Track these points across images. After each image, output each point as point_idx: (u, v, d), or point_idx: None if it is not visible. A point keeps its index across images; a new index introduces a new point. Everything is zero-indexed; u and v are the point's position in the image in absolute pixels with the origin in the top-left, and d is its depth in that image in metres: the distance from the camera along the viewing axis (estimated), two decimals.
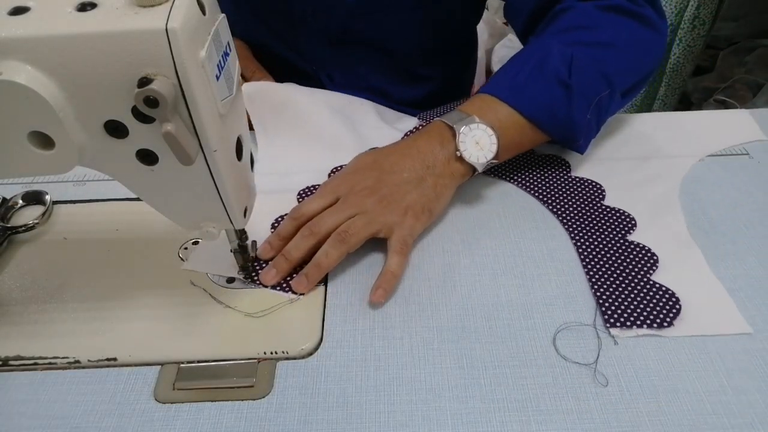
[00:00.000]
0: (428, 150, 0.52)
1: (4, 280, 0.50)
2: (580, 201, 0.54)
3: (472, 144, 0.51)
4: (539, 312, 0.45)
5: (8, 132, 0.34)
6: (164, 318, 0.46)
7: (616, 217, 0.52)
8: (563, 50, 0.53)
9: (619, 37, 0.56)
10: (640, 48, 0.57)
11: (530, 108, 0.53)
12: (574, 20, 0.56)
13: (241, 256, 0.47)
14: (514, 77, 0.54)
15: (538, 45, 0.56)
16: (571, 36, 0.55)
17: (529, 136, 0.54)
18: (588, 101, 0.53)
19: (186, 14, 0.31)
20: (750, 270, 0.48)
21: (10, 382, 0.42)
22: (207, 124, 0.34)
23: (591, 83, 0.53)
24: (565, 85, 0.52)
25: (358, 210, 0.48)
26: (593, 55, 0.54)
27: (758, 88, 1.43)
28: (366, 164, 0.52)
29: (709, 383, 0.40)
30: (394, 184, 0.50)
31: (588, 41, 0.55)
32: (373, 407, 0.40)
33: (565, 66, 0.53)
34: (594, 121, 0.55)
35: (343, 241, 0.47)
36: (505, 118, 0.52)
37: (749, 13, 1.59)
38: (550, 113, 0.53)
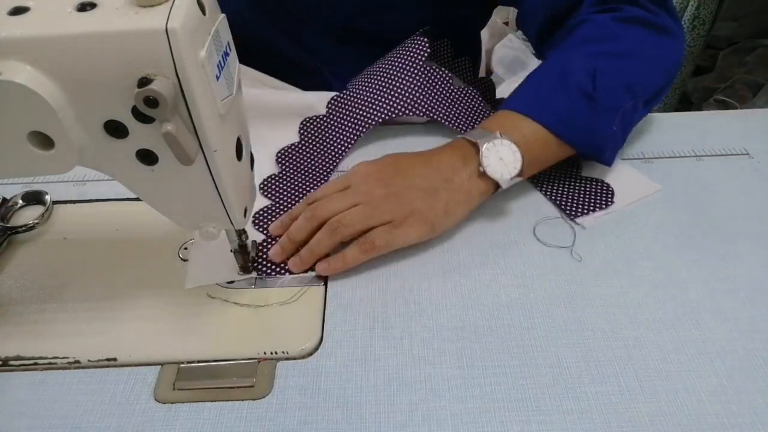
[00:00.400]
0: (449, 164, 0.51)
1: (4, 280, 0.50)
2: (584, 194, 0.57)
3: (496, 160, 0.50)
4: (539, 312, 0.45)
5: (8, 132, 0.34)
6: (164, 318, 0.46)
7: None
8: (585, 62, 0.53)
9: (638, 46, 0.56)
10: (660, 56, 0.57)
11: (555, 121, 0.52)
12: (593, 32, 0.56)
13: (241, 256, 0.47)
14: (537, 91, 0.54)
15: (558, 57, 0.55)
16: (591, 48, 0.55)
17: (553, 150, 0.53)
18: (613, 113, 0.53)
19: (186, 14, 0.31)
20: (750, 270, 0.48)
21: (10, 382, 0.42)
22: (207, 124, 0.34)
23: (615, 95, 0.53)
24: (589, 97, 0.52)
25: (362, 200, 0.49)
26: (616, 67, 0.53)
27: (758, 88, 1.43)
28: (386, 162, 0.52)
29: (709, 383, 0.40)
30: (405, 186, 0.49)
31: (609, 52, 0.54)
32: (373, 407, 0.40)
33: (589, 78, 0.52)
34: (620, 133, 0.55)
35: (335, 231, 0.48)
36: (529, 134, 0.51)
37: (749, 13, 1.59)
38: (575, 126, 0.52)
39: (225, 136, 0.37)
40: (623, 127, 0.55)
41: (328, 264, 0.48)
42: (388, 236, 0.48)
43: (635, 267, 0.49)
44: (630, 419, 0.39)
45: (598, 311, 0.45)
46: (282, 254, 0.49)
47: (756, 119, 0.65)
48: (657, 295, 0.46)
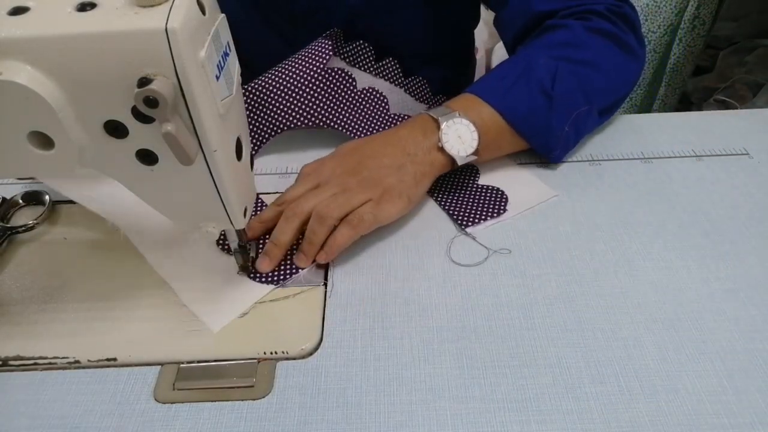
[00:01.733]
0: (410, 139, 0.53)
1: (4, 280, 0.50)
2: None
3: (455, 137, 0.53)
4: (539, 312, 0.45)
5: (8, 132, 0.34)
6: (164, 318, 0.46)
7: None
8: (549, 63, 0.56)
9: (602, 58, 0.59)
10: (620, 71, 0.61)
11: (511, 112, 0.55)
12: (563, 37, 0.59)
13: (241, 256, 0.47)
14: (500, 81, 0.57)
15: (526, 54, 0.58)
16: (558, 51, 0.57)
17: (507, 140, 0.57)
18: (567, 113, 0.55)
19: (186, 14, 0.31)
20: (750, 270, 0.48)
21: (10, 382, 0.42)
22: (207, 124, 0.34)
23: (572, 97, 0.56)
24: (547, 95, 0.55)
25: (337, 190, 0.50)
26: (577, 72, 0.56)
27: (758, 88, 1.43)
28: (347, 150, 0.54)
29: (709, 383, 0.40)
30: (374, 168, 0.51)
31: (573, 58, 0.57)
32: (373, 407, 0.40)
33: (550, 77, 0.55)
34: (572, 134, 0.57)
35: (323, 219, 0.48)
36: (487, 119, 0.54)
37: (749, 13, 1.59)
38: (529, 120, 0.55)
39: (225, 136, 0.37)
40: (576, 130, 0.57)
41: (325, 252, 0.48)
42: (374, 211, 0.49)
43: (635, 267, 0.49)
44: (630, 419, 0.39)
45: (598, 311, 0.45)
46: (272, 263, 0.49)
47: (756, 119, 0.65)
48: (657, 295, 0.46)
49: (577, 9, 0.60)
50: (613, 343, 0.43)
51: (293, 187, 0.53)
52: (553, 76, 0.55)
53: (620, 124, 0.64)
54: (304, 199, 0.50)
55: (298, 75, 0.61)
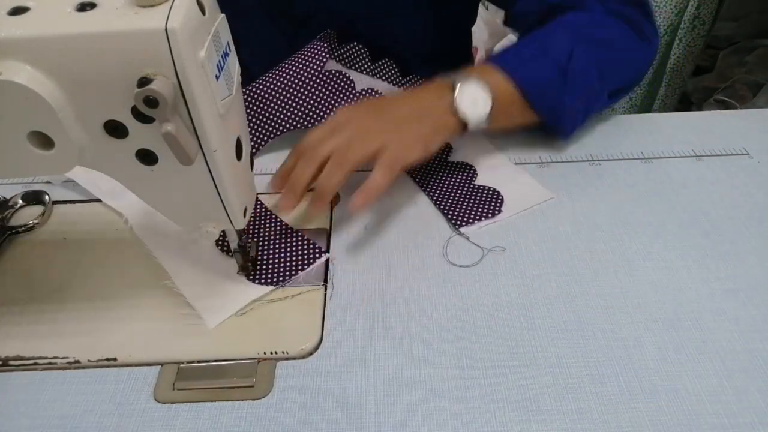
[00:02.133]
0: (426, 99, 0.54)
1: (4, 280, 0.50)
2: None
3: (469, 100, 0.53)
4: (539, 312, 0.45)
5: (8, 132, 0.34)
6: (164, 318, 0.46)
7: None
8: (567, 40, 0.57)
9: (618, 41, 0.59)
10: (634, 56, 0.61)
11: (526, 83, 0.55)
12: (583, 18, 0.59)
13: (240, 255, 0.47)
14: (518, 53, 0.58)
15: (545, 31, 0.59)
16: (577, 30, 0.58)
17: (519, 110, 0.57)
18: (580, 89, 0.56)
19: (186, 14, 0.31)
20: (750, 270, 0.48)
21: (10, 382, 0.42)
22: (207, 124, 0.34)
23: (585, 74, 0.56)
24: (561, 70, 0.55)
25: (356, 133, 0.50)
26: (593, 51, 0.57)
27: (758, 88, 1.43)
28: (366, 103, 0.56)
29: (709, 383, 0.40)
30: (390, 117, 0.52)
31: (591, 38, 0.58)
32: (373, 407, 0.40)
33: (566, 53, 0.56)
34: (582, 110, 0.58)
35: (342, 162, 0.48)
36: (502, 87, 0.55)
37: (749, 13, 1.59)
38: (542, 92, 0.56)
39: (225, 136, 0.37)
40: (585, 108, 0.59)
41: (364, 195, 0.48)
42: (401, 151, 0.50)
43: (635, 267, 0.49)
44: (630, 419, 0.39)
45: (598, 311, 0.45)
46: (290, 203, 0.50)
47: (756, 119, 0.65)
48: (657, 295, 0.46)
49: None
50: (613, 343, 0.43)
51: (312, 132, 0.52)
52: (570, 53, 0.56)
53: (620, 124, 0.64)
54: (320, 143, 0.50)
55: (297, 77, 0.61)
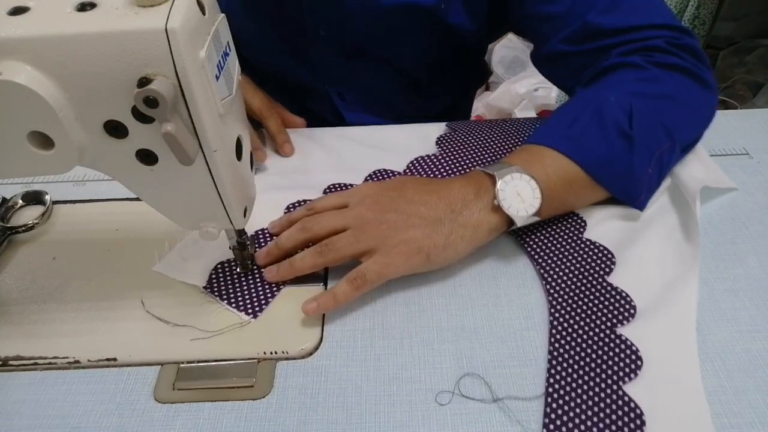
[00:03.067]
0: (460, 195, 0.47)
1: (4, 280, 0.50)
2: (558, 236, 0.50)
3: (513, 195, 0.46)
4: (539, 312, 0.45)
5: (8, 132, 0.34)
6: (164, 318, 0.46)
7: (616, 299, 0.45)
8: (622, 100, 0.50)
9: (678, 91, 0.53)
10: (700, 103, 0.55)
11: (587, 159, 0.48)
12: (632, 74, 0.53)
13: (240, 253, 0.47)
14: (570, 126, 0.50)
15: (592, 94, 0.52)
16: (629, 87, 0.51)
17: (578, 192, 0.50)
18: (650, 154, 0.49)
19: (186, 14, 0.31)
20: (750, 270, 0.48)
21: (10, 382, 0.42)
22: (207, 124, 0.34)
23: (653, 135, 0.50)
24: (626, 136, 0.48)
25: (354, 223, 0.47)
26: (653, 106, 0.50)
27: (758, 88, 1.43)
28: (393, 184, 0.50)
29: (709, 383, 0.40)
30: (404, 213, 0.46)
31: (647, 93, 0.51)
32: (373, 407, 0.40)
33: (626, 116, 0.49)
34: (655, 176, 0.51)
35: (321, 253, 0.46)
36: (553, 171, 0.48)
37: (749, 13, 1.59)
38: (610, 165, 0.49)
39: (225, 136, 0.37)
40: (659, 170, 0.51)
41: (318, 303, 0.45)
42: (379, 268, 0.45)
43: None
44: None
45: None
46: (267, 258, 0.49)
47: (756, 119, 0.65)
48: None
49: (635, 45, 0.54)
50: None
51: (326, 198, 0.51)
52: (630, 113, 0.49)
53: None
54: (322, 217, 0.48)
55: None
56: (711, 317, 0.45)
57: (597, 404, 0.38)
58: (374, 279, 0.45)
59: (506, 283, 0.48)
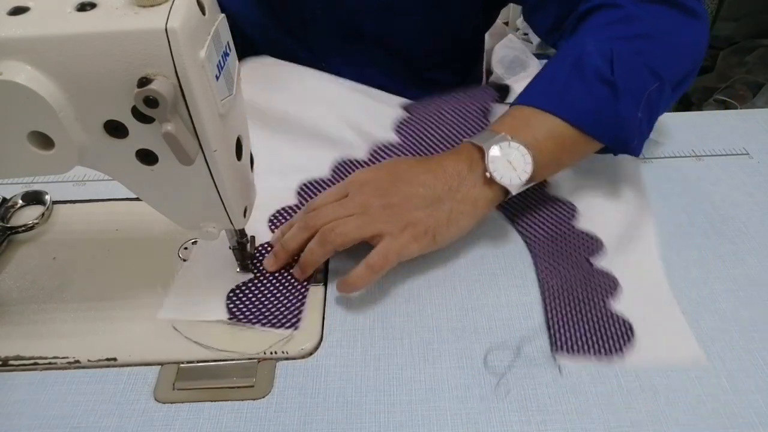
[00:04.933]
0: (454, 171, 0.47)
1: (4, 280, 0.50)
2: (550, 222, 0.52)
3: (504, 164, 0.46)
4: (539, 312, 0.45)
5: (8, 132, 0.34)
6: (164, 318, 0.46)
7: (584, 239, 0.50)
8: (601, 46, 0.49)
9: (660, 27, 0.51)
10: (686, 36, 0.53)
11: (573, 114, 0.48)
12: (608, 16, 0.52)
13: (240, 253, 0.47)
14: (551, 82, 0.50)
15: (571, 46, 0.51)
16: (607, 31, 0.51)
17: (570, 148, 0.49)
18: (637, 98, 0.48)
19: (186, 14, 0.31)
20: (750, 270, 0.48)
21: (10, 382, 0.42)
22: (207, 124, 0.34)
23: (637, 77, 0.49)
24: (609, 83, 0.48)
25: (359, 210, 0.46)
26: (635, 48, 0.49)
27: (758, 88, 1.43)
28: (387, 168, 0.50)
29: (709, 383, 0.40)
30: (405, 196, 0.47)
31: (627, 35, 0.50)
32: (372, 407, 0.40)
33: (607, 62, 0.48)
34: (645, 119, 0.50)
35: (326, 240, 0.46)
36: (543, 133, 0.47)
37: (749, 13, 1.59)
38: (596, 116, 0.48)
39: (225, 136, 0.37)
40: (649, 113, 0.50)
41: (343, 285, 0.46)
42: (398, 249, 0.45)
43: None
44: (630, 419, 0.39)
45: None
46: (276, 264, 0.48)
47: (756, 119, 0.65)
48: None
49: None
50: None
51: (324, 194, 0.50)
52: (610, 59, 0.48)
53: None
54: (322, 210, 0.48)
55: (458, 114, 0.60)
56: (711, 317, 0.45)
57: (590, 320, 0.44)
58: (393, 260, 0.45)
59: (506, 283, 0.48)
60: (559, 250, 0.50)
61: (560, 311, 0.45)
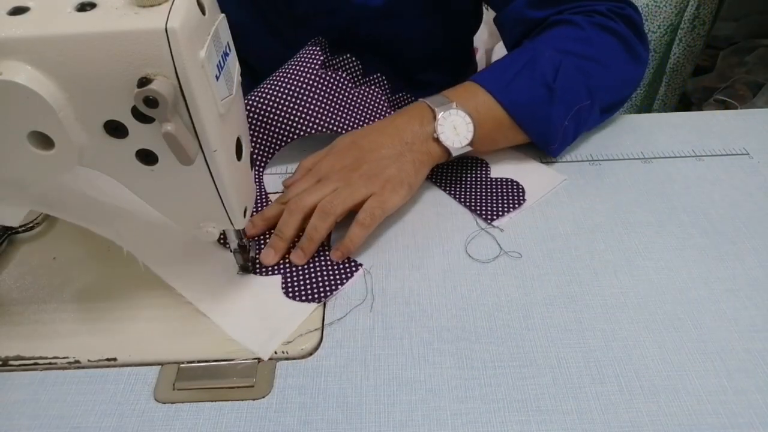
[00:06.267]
0: (407, 127, 0.54)
1: (4, 280, 0.50)
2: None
3: (450, 128, 0.53)
4: (539, 312, 0.45)
5: (8, 132, 0.34)
6: (164, 318, 0.46)
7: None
8: (554, 56, 0.56)
9: (607, 55, 0.59)
10: (624, 71, 0.61)
11: (511, 103, 0.55)
12: (570, 32, 0.59)
13: (240, 255, 0.47)
14: (503, 72, 0.57)
15: (531, 47, 0.58)
16: (564, 45, 0.57)
17: (504, 133, 0.57)
18: (568, 108, 0.56)
19: (186, 14, 0.31)
20: (750, 270, 0.48)
21: (10, 382, 0.42)
22: (207, 124, 0.34)
23: (574, 91, 0.56)
24: (548, 88, 0.55)
25: (341, 184, 0.51)
26: (581, 67, 0.56)
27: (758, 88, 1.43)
28: (345, 145, 0.54)
29: (709, 383, 0.40)
30: (374, 160, 0.52)
31: (578, 53, 0.57)
32: (373, 407, 0.40)
33: (553, 70, 0.55)
34: (571, 128, 0.57)
35: (327, 213, 0.49)
36: (484, 111, 0.54)
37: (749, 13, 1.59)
38: (529, 111, 0.55)
39: (225, 136, 0.37)
40: (576, 125, 0.57)
41: (339, 250, 0.49)
42: (380, 204, 0.50)
43: (635, 267, 0.49)
44: (630, 419, 0.39)
45: (598, 311, 0.45)
46: (276, 255, 0.50)
47: (756, 119, 0.65)
48: (657, 295, 0.46)
49: (579, 9, 0.60)
50: (613, 343, 0.43)
51: (295, 184, 0.53)
52: (557, 69, 0.55)
53: (620, 124, 0.64)
54: (306, 194, 0.51)
55: (296, 83, 0.60)
56: (711, 317, 0.45)
57: (499, 190, 0.56)
58: (379, 215, 0.50)
59: (506, 282, 0.48)
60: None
61: (470, 198, 0.56)
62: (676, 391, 0.40)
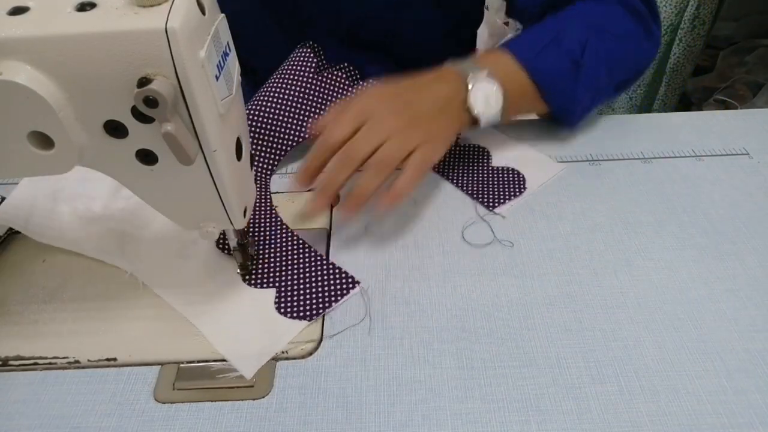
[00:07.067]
0: (444, 93, 0.53)
1: (4, 280, 0.50)
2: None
3: (483, 98, 0.53)
4: (539, 312, 0.45)
5: (8, 132, 0.34)
6: (164, 318, 0.46)
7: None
8: (581, 34, 0.57)
9: (628, 34, 0.60)
10: (640, 51, 0.62)
11: (540, 73, 0.56)
12: (597, 8, 0.60)
13: (240, 255, 0.47)
14: (533, 41, 0.58)
15: (560, 19, 0.59)
16: (591, 21, 0.59)
17: (528, 102, 0.58)
18: (591, 82, 0.57)
19: (186, 14, 0.31)
20: (750, 270, 0.48)
21: (10, 382, 0.42)
22: (207, 124, 0.34)
23: (597, 67, 0.57)
24: (575, 63, 0.56)
25: (389, 133, 0.49)
26: (605, 43, 0.58)
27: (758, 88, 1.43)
28: (389, 92, 0.53)
29: (709, 383, 0.40)
30: (420, 111, 0.51)
31: (604, 30, 0.58)
32: (372, 407, 0.40)
33: (580, 45, 0.57)
34: (589, 102, 0.60)
35: (382, 167, 0.48)
36: (513, 79, 0.55)
37: (749, 13, 1.59)
38: (555, 83, 0.57)
39: (225, 136, 0.37)
40: (593, 100, 0.60)
41: (391, 198, 0.48)
42: (428, 153, 0.50)
43: (635, 267, 0.49)
44: (630, 419, 0.39)
45: (598, 311, 0.45)
46: (324, 208, 0.51)
47: (756, 119, 0.65)
48: (657, 295, 0.46)
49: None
50: (613, 343, 0.43)
51: (337, 127, 0.49)
52: (584, 45, 0.56)
53: (620, 124, 0.64)
54: (355, 144, 0.48)
55: (296, 87, 0.60)
56: (711, 317, 0.45)
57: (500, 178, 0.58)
58: (430, 162, 0.50)
59: (506, 282, 0.48)
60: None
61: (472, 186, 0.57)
62: (676, 391, 0.40)
